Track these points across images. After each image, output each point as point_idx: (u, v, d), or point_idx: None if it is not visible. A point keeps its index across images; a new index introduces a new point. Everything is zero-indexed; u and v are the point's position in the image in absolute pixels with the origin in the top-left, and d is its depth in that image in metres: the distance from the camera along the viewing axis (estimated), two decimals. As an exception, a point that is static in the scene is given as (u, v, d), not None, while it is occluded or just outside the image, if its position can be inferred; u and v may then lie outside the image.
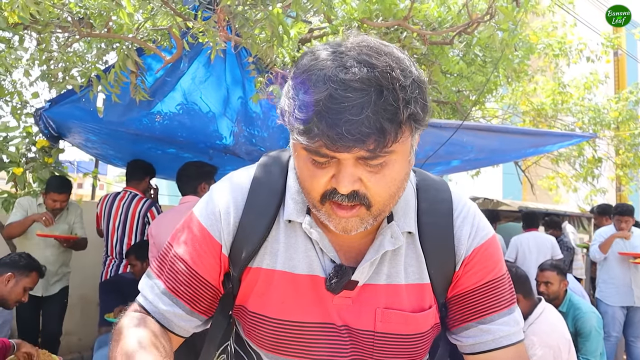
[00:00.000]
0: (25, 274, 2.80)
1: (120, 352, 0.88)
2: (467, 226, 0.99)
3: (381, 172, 0.81)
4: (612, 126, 6.65)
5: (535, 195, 8.01)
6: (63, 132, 3.91)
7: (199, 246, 0.98)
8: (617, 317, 5.18)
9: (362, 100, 0.74)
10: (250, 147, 3.54)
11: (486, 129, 4.40)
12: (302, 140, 0.79)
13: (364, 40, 0.81)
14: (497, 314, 0.98)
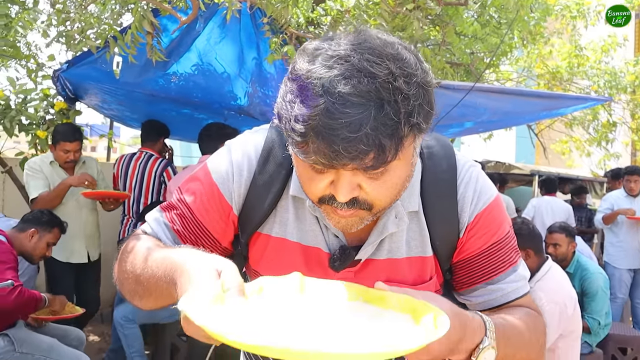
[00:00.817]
0: (48, 230, 2.91)
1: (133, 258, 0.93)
2: (470, 192, 0.98)
3: (381, 179, 0.79)
4: (629, 90, 6.55)
5: (547, 159, 7.98)
6: (80, 93, 3.96)
7: (207, 200, 0.99)
8: (624, 280, 5.25)
9: (360, 116, 0.70)
10: (265, 107, 3.58)
11: (499, 91, 4.39)
12: (298, 154, 0.77)
13: (367, 40, 0.76)
14: (504, 273, 1.00)
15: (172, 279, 0.79)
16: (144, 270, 0.88)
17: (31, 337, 2.62)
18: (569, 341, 2.90)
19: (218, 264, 0.75)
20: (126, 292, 0.98)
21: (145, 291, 0.89)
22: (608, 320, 3.62)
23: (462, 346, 0.80)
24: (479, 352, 0.81)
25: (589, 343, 3.50)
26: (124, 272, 0.96)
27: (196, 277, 0.73)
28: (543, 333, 0.99)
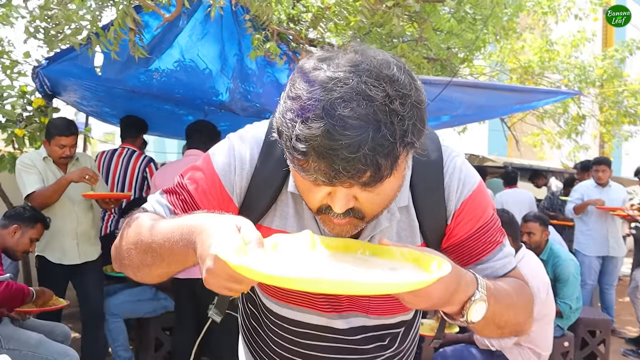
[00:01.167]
0: (30, 226, 2.91)
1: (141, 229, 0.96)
2: (455, 181, 1.04)
3: (375, 191, 0.83)
4: (597, 84, 6.76)
5: (520, 152, 8.18)
6: (58, 90, 3.94)
7: (208, 189, 1.04)
8: (593, 267, 5.46)
9: (359, 138, 0.74)
10: (246, 103, 3.62)
11: (474, 86, 4.51)
12: (299, 170, 0.82)
13: (364, 61, 0.79)
14: (492, 253, 1.07)
15: (191, 240, 0.84)
16: (157, 237, 0.92)
17: (18, 333, 2.63)
18: (543, 324, 3.04)
19: (237, 220, 0.81)
20: (131, 265, 1.01)
21: (157, 258, 0.93)
22: (579, 304, 3.79)
23: (456, 297, 0.87)
24: (471, 304, 0.89)
25: (560, 326, 3.66)
26: (129, 245, 0.99)
27: (218, 232, 0.78)
28: (530, 300, 1.07)
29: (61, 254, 3.34)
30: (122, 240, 1.03)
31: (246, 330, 1.31)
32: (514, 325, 1.03)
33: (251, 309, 1.27)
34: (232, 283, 0.77)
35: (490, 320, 0.95)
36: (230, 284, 0.77)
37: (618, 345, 5.08)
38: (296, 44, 3.25)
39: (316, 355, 1.16)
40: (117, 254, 1.06)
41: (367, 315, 1.13)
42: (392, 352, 1.20)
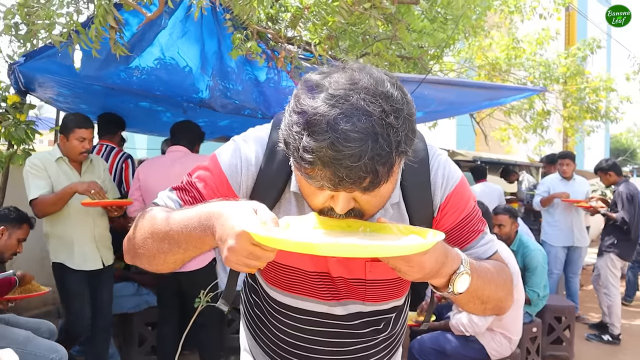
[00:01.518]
0: (17, 226, 2.92)
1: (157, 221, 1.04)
2: (440, 177, 1.16)
3: (373, 194, 0.94)
4: (561, 81, 7.03)
5: (488, 146, 8.42)
6: (32, 86, 3.90)
7: (216, 188, 1.14)
8: (559, 257, 5.71)
9: (360, 149, 0.84)
10: (226, 100, 3.67)
11: (446, 83, 4.65)
12: (306, 178, 0.92)
13: (362, 79, 0.89)
14: (475, 241, 1.20)
15: (209, 225, 0.94)
16: (174, 226, 1.01)
17: (6, 331, 2.64)
18: (513, 310, 3.22)
19: (253, 204, 0.92)
20: (146, 254, 1.09)
21: (174, 245, 1.02)
22: (546, 292, 3.99)
23: (443, 270, 0.99)
24: (456, 276, 1.01)
25: (529, 313, 3.85)
26: (145, 235, 1.08)
27: (238, 214, 0.88)
28: (510, 279, 1.20)
29: (82, 259, 3.25)
30: (136, 231, 1.11)
31: (249, 319, 1.40)
32: (496, 301, 1.15)
33: (254, 299, 1.36)
34: (251, 259, 0.87)
35: (473, 293, 1.07)
36: (249, 260, 0.87)
37: (582, 330, 5.34)
38: (275, 43, 3.32)
39: (317, 340, 1.26)
40: (131, 245, 1.13)
41: (363, 302, 1.24)
42: (386, 336, 1.32)
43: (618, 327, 5.13)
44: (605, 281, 5.22)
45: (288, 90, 3.62)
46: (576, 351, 4.58)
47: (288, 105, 0.95)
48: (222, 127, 5.03)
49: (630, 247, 5.30)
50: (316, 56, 3.34)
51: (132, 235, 1.12)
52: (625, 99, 7.38)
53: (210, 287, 2.98)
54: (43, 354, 2.64)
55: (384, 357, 1.34)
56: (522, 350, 3.56)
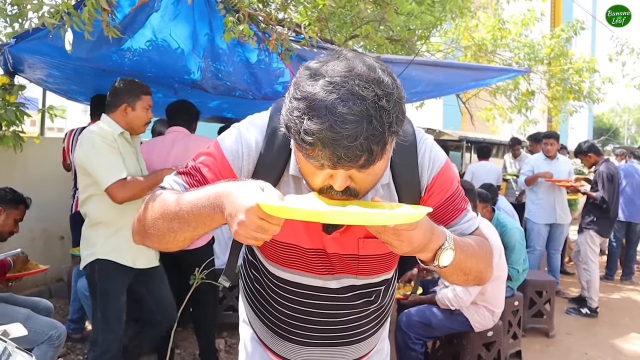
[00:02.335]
0: (14, 207, 2.97)
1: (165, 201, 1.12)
2: (426, 160, 1.25)
3: (367, 172, 1.02)
4: (545, 62, 7.14)
5: (474, 126, 8.54)
6: (21, 67, 3.90)
7: (219, 172, 1.22)
8: (541, 233, 5.88)
9: (356, 130, 0.92)
10: (217, 81, 3.72)
11: (433, 64, 4.72)
12: (307, 158, 1.00)
13: (355, 67, 0.98)
14: (458, 218, 1.31)
15: (218, 203, 1.02)
16: (184, 206, 1.08)
17: (6, 309, 2.71)
18: (495, 285, 3.36)
19: (259, 182, 1.00)
20: (156, 234, 1.16)
21: (184, 223, 1.10)
22: (525, 266, 4.15)
23: (430, 245, 1.09)
24: (441, 251, 1.12)
25: (511, 287, 4.00)
26: (155, 215, 1.15)
27: (246, 191, 0.97)
28: (490, 252, 1.31)
29: (134, 257, 2.79)
30: (146, 213, 1.18)
31: (249, 293, 1.49)
32: (477, 273, 1.26)
33: (254, 274, 1.45)
34: (259, 232, 0.96)
35: (457, 266, 1.18)
36: (257, 234, 0.96)
37: (562, 304, 5.54)
38: (266, 25, 3.36)
39: (313, 312, 1.36)
40: (140, 226, 1.21)
41: (356, 276, 1.34)
42: (377, 306, 1.42)
43: (596, 300, 5.33)
44: (585, 257, 5.41)
45: (279, 71, 3.67)
46: (556, 323, 4.77)
47: (288, 93, 1.03)
48: (213, 107, 5.07)
49: (609, 225, 5.48)
50: (306, 38, 3.39)
51: (142, 217, 1.20)
52: (607, 79, 7.52)
53: (205, 264, 3.07)
54: (43, 330, 2.72)
55: (375, 326, 1.45)
56: (504, 322, 3.72)
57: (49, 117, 4.91)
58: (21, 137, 4.03)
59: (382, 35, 3.75)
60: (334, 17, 3.81)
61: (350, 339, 1.40)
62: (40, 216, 4.88)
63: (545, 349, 4.45)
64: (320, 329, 1.37)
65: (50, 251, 5.20)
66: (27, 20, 3.05)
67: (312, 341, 1.38)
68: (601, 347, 4.52)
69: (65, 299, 4.69)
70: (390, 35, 4.32)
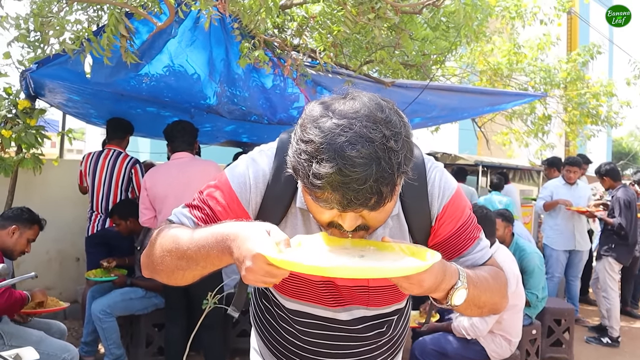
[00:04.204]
0: (28, 227, 3.00)
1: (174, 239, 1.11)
2: (437, 189, 1.23)
3: (377, 210, 1.01)
4: (561, 86, 7.10)
5: (490, 150, 8.48)
6: (42, 92, 3.99)
7: (227, 205, 1.20)
8: (560, 260, 5.77)
9: (365, 173, 0.91)
10: (233, 106, 3.76)
11: (448, 89, 4.73)
12: (317, 201, 0.99)
13: (363, 107, 0.97)
14: (471, 247, 1.27)
15: (226, 246, 1.01)
16: (191, 246, 1.08)
17: (19, 331, 2.72)
18: (513, 314, 3.29)
19: (266, 225, 0.99)
20: (165, 271, 1.17)
21: (192, 262, 1.09)
22: (544, 293, 4.06)
23: (442, 286, 1.07)
24: (454, 291, 1.09)
25: (529, 315, 3.92)
26: (163, 252, 1.15)
27: (253, 236, 0.96)
28: (504, 283, 1.29)
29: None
30: (154, 248, 1.18)
31: (259, 323, 1.48)
32: (491, 305, 1.23)
33: (265, 305, 1.44)
34: (268, 277, 0.95)
35: (470, 302, 1.15)
36: (266, 278, 0.95)
37: (582, 333, 5.40)
38: (281, 51, 3.40)
39: (324, 343, 1.34)
40: (149, 261, 1.21)
41: (367, 307, 1.32)
42: (389, 337, 1.40)
43: (617, 329, 5.19)
44: (604, 285, 5.28)
45: (294, 96, 3.70)
46: (575, 353, 4.64)
47: (294, 134, 1.02)
48: (228, 132, 5.12)
49: (627, 251, 5.36)
50: (321, 63, 3.42)
51: (151, 252, 1.19)
52: (625, 103, 7.44)
53: (217, 289, 3.05)
54: (55, 353, 2.72)
55: (388, 357, 1.42)
56: (521, 352, 3.63)
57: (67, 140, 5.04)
58: (40, 160, 4.11)
59: (397, 61, 3.76)
60: (349, 42, 3.85)
61: None
62: (56, 237, 4.93)
63: (565, 379, 4.33)
64: (334, 354, 1.34)
65: (66, 272, 5.23)
66: (49, 46, 3.14)
67: None
68: (623, 379, 4.39)
69: (79, 320, 4.69)
70: (405, 60, 4.34)
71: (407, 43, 3.38)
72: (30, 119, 4.11)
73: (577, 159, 6.11)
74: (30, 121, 4.10)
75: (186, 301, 3.47)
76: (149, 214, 3.46)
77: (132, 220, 3.92)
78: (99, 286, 3.91)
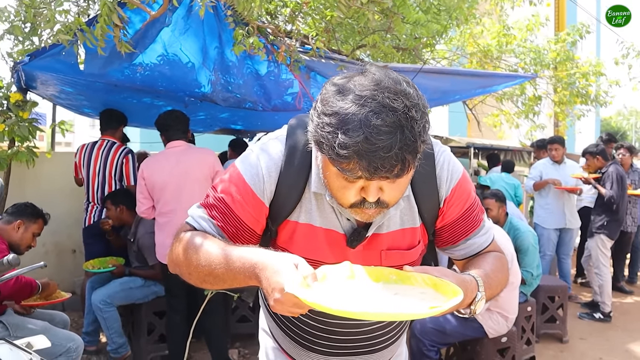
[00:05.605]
0: (33, 221, 3.01)
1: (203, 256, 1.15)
2: (445, 172, 1.27)
3: (396, 183, 1.05)
4: (551, 66, 7.13)
5: (481, 132, 8.53)
6: (33, 84, 3.96)
7: (242, 199, 1.23)
8: (551, 238, 5.86)
9: (390, 141, 0.95)
10: (227, 94, 3.77)
11: (439, 72, 4.75)
12: (344, 171, 1.01)
13: (382, 81, 1.01)
14: (477, 229, 1.33)
15: (254, 274, 1.06)
16: (219, 266, 1.12)
17: (24, 322, 2.74)
18: (509, 291, 3.36)
19: (294, 258, 1.03)
20: (192, 280, 1.22)
21: (219, 281, 1.15)
22: (539, 271, 4.14)
23: (464, 302, 1.12)
24: (476, 303, 1.15)
25: (524, 293, 4.00)
26: (188, 268, 1.20)
27: (282, 270, 1.00)
28: (507, 265, 1.36)
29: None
30: (180, 260, 1.22)
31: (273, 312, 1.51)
32: (500, 290, 1.30)
33: None
34: (295, 309, 1.00)
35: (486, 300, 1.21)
36: (293, 309, 1.00)
37: (575, 309, 5.51)
38: (274, 37, 3.40)
39: (337, 323, 1.37)
40: (177, 270, 1.26)
41: None
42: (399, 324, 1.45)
43: (609, 305, 5.30)
44: (596, 261, 5.38)
45: (288, 82, 3.71)
46: (569, 329, 4.74)
47: (313, 109, 1.05)
48: (222, 119, 5.12)
49: (617, 227, 5.45)
50: (314, 49, 3.43)
51: (178, 261, 1.23)
52: (614, 82, 7.50)
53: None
54: (61, 343, 2.74)
55: (397, 333, 1.48)
56: (517, 328, 3.71)
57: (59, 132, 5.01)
58: (34, 153, 4.09)
59: (390, 44, 3.78)
60: (342, 27, 3.85)
61: (374, 347, 1.42)
62: (52, 230, 4.89)
63: (559, 354, 4.43)
64: (344, 339, 1.38)
65: (63, 264, 5.24)
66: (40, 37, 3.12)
67: (336, 351, 1.40)
68: (616, 352, 4.50)
69: (78, 311, 4.71)
70: (397, 44, 4.36)
71: (399, 27, 3.39)
72: (23, 112, 4.09)
73: (557, 136, 6.23)
74: (22, 114, 4.08)
75: (188, 288, 3.50)
76: (147, 204, 3.47)
77: (122, 208, 3.94)
78: (98, 276, 3.93)
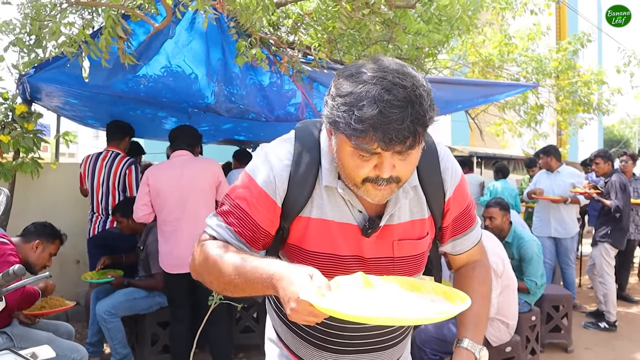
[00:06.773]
0: (51, 241, 3.03)
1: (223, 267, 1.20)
2: (449, 170, 1.36)
3: (408, 159, 1.13)
4: (553, 75, 7.16)
5: (483, 141, 8.55)
6: (38, 96, 4.00)
7: (257, 202, 1.28)
8: (547, 246, 5.80)
9: (402, 114, 1.04)
10: (230, 104, 3.79)
11: (441, 82, 4.77)
12: (361, 144, 1.08)
13: (389, 65, 1.11)
14: (471, 227, 1.45)
15: (272, 285, 1.10)
16: (238, 277, 1.17)
17: (28, 332, 2.75)
18: (506, 295, 3.36)
19: (309, 270, 1.08)
20: (214, 288, 1.28)
21: (237, 290, 1.20)
22: (543, 280, 4.11)
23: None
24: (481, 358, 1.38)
25: (528, 302, 3.98)
26: (210, 277, 1.25)
27: (297, 281, 1.05)
28: (490, 277, 1.52)
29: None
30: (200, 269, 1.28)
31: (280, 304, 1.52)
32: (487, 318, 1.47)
33: None
34: (311, 317, 1.04)
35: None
36: (309, 318, 1.05)
37: (579, 318, 5.48)
38: (277, 48, 3.44)
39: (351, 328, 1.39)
40: (199, 276, 1.31)
41: None
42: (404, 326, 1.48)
43: (614, 314, 5.27)
44: (600, 270, 5.35)
45: (290, 93, 3.73)
46: (574, 338, 4.71)
47: (327, 94, 1.14)
48: (226, 130, 5.14)
49: (622, 235, 5.43)
50: (316, 59, 3.46)
51: (200, 270, 1.28)
52: (616, 91, 7.52)
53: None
54: (65, 354, 2.74)
55: (407, 329, 1.52)
56: (522, 337, 3.69)
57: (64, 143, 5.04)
58: (39, 164, 4.12)
59: (392, 54, 3.80)
60: (344, 38, 3.88)
61: (385, 344, 1.44)
62: (57, 240, 4.93)
63: (565, 364, 4.40)
64: (356, 336, 1.40)
65: (66, 275, 5.24)
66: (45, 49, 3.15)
67: (348, 349, 1.41)
68: (622, 362, 4.46)
69: (82, 322, 4.71)
70: (399, 54, 4.39)
71: (401, 37, 3.41)
72: (28, 124, 4.12)
73: (546, 146, 6.26)
74: (27, 125, 4.11)
75: (191, 298, 3.50)
76: (146, 210, 3.49)
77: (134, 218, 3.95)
78: (102, 287, 3.94)
